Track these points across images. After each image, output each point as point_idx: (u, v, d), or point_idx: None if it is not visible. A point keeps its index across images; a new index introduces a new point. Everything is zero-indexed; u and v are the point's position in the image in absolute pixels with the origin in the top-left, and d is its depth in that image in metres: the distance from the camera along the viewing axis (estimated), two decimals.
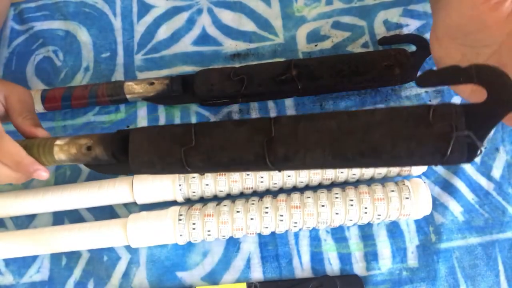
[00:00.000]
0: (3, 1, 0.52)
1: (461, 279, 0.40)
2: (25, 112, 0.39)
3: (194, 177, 0.41)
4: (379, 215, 0.39)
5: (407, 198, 0.39)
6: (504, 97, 0.25)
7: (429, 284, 0.40)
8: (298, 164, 0.30)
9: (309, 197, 0.39)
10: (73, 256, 0.43)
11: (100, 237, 0.40)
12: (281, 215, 0.39)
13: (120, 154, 0.35)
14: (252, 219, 0.39)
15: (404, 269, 0.41)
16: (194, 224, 0.39)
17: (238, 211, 0.39)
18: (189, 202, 0.43)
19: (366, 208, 0.39)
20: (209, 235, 0.40)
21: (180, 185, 0.41)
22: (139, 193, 0.41)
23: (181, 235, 0.40)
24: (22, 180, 0.37)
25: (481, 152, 0.27)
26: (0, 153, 0.35)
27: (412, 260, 0.41)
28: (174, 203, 0.43)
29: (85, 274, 0.43)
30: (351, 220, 0.39)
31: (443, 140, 0.26)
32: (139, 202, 0.42)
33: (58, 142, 0.37)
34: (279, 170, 0.33)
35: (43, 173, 0.37)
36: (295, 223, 0.39)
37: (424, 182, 0.40)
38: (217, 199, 0.43)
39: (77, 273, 0.43)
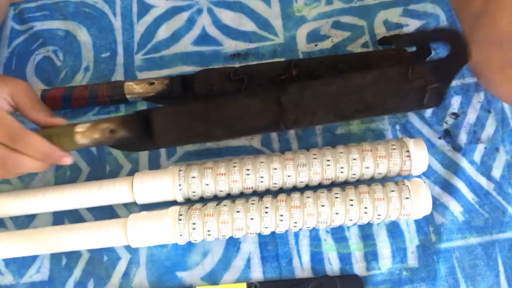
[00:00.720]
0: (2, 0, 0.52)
1: (461, 279, 0.40)
2: (36, 104, 0.39)
3: (194, 177, 0.41)
4: (379, 215, 0.39)
5: (407, 198, 0.39)
6: (463, 51, 0.32)
7: (429, 284, 0.40)
8: (307, 125, 0.36)
9: (309, 197, 0.40)
10: (73, 256, 0.43)
11: (100, 237, 0.40)
12: (281, 215, 0.39)
13: (143, 133, 0.38)
14: (252, 219, 0.39)
15: (404, 269, 0.41)
16: (194, 224, 0.39)
17: (238, 211, 0.39)
18: (189, 202, 0.43)
19: (366, 208, 0.39)
20: (209, 235, 0.40)
21: (180, 185, 0.41)
22: (139, 193, 0.41)
23: (181, 235, 0.40)
24: (44, 168, 0.38)
25: (446, 97, 0.36)
26: (28, 147, 0.36)
27: (412, 260, 0.41)
28: (174, 203, 0.43)
29: (85, 274, 0.43)
30: (351, 220, 0.39)
31: (420, 92, 0.34)
32: (139, 202, 0.42)
33: (78, 129, 0.38)
34: (291, 129, 0.38)
35: (68, 159, 0.38)
36: (295, 223, 0.39)
37: (424, 182, 0.40)
38: (217, 199, 0.43)
39: (77, 273, 0.43)
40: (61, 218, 0.45)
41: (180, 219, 0.40)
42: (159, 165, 0.46)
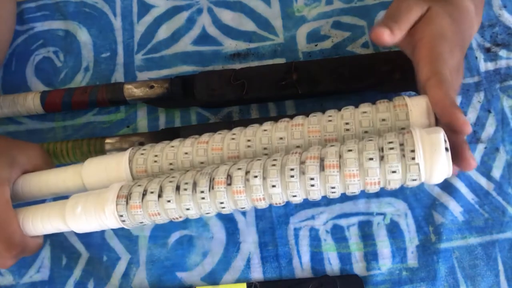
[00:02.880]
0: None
1: (461, 279, 0.40)
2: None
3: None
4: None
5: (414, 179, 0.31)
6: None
7: (429, 284, 0.40)
8: None
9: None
10: (73, 256, 0.43)
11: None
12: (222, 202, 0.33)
13: None
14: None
15: (404, 269, 0.41)
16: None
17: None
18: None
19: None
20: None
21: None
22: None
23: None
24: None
25: None
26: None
27: (412, 260, 0.41)
28: None
29: (85, 274, 0.43)
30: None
31: None
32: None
33: (108, 140, 0.43)
34: None
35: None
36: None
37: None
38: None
39: (77, 273, 0.43)
40: None
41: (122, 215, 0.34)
42: None
